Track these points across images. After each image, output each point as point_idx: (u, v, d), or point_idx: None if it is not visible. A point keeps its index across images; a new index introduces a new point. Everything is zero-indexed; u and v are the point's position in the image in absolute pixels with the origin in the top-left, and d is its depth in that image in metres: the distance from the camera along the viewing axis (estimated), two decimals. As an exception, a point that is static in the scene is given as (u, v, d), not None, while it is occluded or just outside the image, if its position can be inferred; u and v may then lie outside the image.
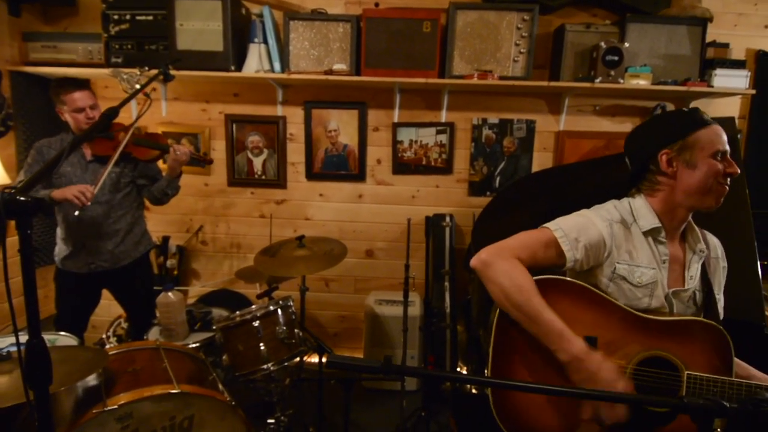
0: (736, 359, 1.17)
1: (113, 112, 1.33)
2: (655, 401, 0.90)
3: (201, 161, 2.25)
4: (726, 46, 2.63)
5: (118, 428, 1.36)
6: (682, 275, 1.26)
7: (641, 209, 1.24)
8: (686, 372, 1.11)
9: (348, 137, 2.83)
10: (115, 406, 1.33)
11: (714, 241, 1.35)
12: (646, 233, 1.22)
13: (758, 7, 2.72)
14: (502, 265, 1.16)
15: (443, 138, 2.83)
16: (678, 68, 2.57)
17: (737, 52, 2.71)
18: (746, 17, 2.74)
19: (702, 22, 2.54)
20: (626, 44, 2.47)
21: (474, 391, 2.48)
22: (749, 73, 2.55)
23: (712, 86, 2.52)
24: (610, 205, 1.29)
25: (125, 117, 2.47)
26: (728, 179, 1.18)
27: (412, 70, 2.51)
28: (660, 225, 1.22)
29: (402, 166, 2.87)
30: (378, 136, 2.85)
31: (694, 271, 1.25)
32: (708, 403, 0.63)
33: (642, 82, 2.48)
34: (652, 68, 2.50)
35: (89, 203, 1.82)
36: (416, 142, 2.84)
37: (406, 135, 2.83)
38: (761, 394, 0.65)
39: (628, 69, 2.48)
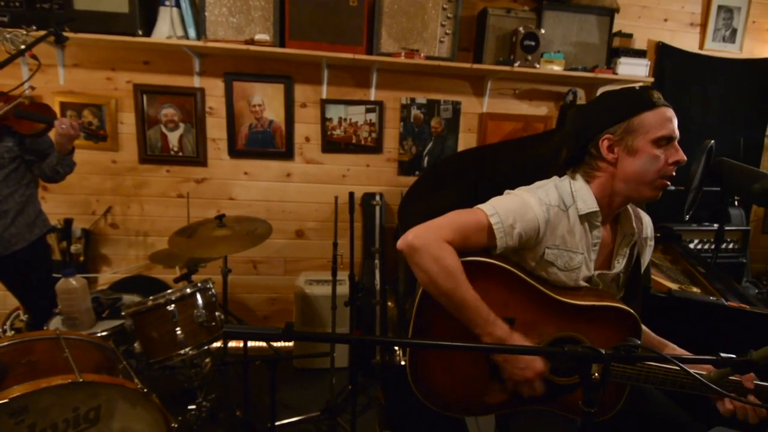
0: (644, 327, 1.21)
1: (-14, 72, 1.17)
2: (538, 350, 0.98)
3: (94, 136, 2.06)
4: (630, 36, 2.86)
5: (11, 424, 1.24)
6: (609, 258, 1.25)
7: (581, 190, 1.18)
8: None
9: (274, 113, 2.73)
10: (6, 400, 1.21)
11: (646, 219, 1.31)
12: (582, 216, 1.17)
13: (660, 0, 2.98)
14: (430, 250, 1.08)
15: (373, 117, 2.82)
16: (587, 56, 2.76)
17: (640, 43, 2.96)
18: (649, 10, 2.98)
19: (610, 12, 2.75)
20: (542, 30, 2.60)
21: (402, 362, 2.56)
22: (649, 63, 2.80)
23: (617, 74, 2.74)
24: (551, 185, 1.20)
25: (15, 83, 2.19)
26: (674, 168, 1.11)
27: (339, 44, 2.46)
28: (598, 209, 1.16)
29: (331, 145, 2.83)
30: (306, 113, 2.78)
31: (622, 254, 1.24)
32: (586, 350, 0.69)
33: (556, 68, 2.64)
34: (565, 55, 2.66)
35: None
36: (346, 120, 2.80)
37: (335, 112, 2.78)
38: (632, 340, 0.72)
39: (544, 55, 2.62)
